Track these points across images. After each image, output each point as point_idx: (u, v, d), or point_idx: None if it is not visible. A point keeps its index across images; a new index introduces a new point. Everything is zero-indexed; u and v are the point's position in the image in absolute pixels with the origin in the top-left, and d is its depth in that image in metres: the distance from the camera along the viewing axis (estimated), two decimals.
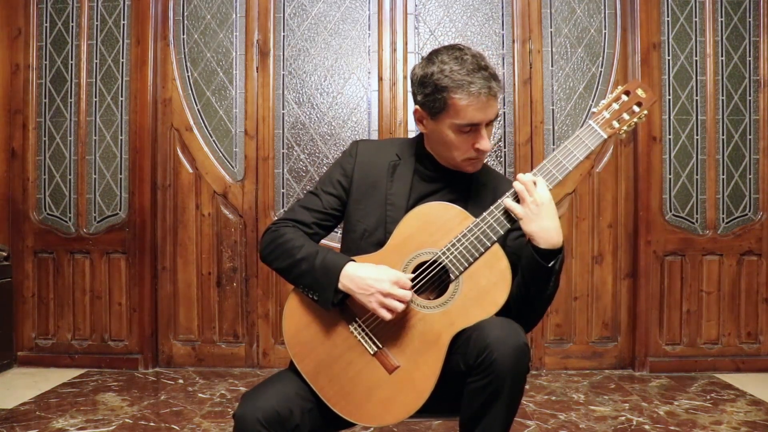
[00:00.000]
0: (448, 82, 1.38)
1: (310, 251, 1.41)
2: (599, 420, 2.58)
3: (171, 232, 3.42)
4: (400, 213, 1.46)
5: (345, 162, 1.55)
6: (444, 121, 1.41)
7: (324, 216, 1.52)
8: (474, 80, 1.37)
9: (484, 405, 1.29)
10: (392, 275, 1.35)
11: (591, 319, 3.37)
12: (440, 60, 1.40)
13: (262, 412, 1.30)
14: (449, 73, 1.38)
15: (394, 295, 1.33)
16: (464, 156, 1.44)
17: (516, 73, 3.35)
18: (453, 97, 1.37)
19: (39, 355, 3.41)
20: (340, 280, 1.37)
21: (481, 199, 1.49)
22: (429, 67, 1.42)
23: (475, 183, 1.52)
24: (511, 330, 1.29)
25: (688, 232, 3.34)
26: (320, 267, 1.38)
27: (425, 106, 1.44)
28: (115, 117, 3.39)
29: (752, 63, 3.33)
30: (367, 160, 1.53)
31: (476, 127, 1.41)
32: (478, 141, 1.42)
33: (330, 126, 3.41)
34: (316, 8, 3.41)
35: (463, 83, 1.37)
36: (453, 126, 1.40)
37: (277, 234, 1.48)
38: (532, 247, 1.35)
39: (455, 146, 1.43)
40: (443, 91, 1.38)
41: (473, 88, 1.36)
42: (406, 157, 1.54)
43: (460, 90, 1.37)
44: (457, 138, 1.42)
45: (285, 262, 1.44)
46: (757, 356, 3.32)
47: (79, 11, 3.40)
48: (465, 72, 1.37)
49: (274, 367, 3.35)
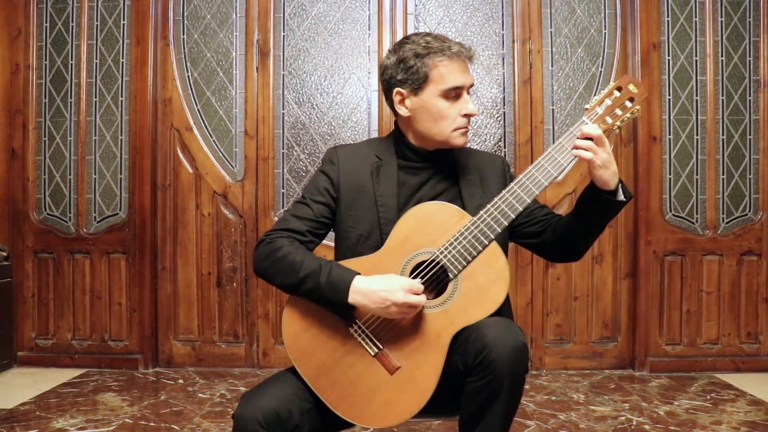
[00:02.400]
0: (427, 50, 1.45)
1: (313, 266, 1.38)
2: (599, 420, 2.58)
3: (171, 232, 3.42)
4: (393, 212, 1.46)
5: (328, 170, 1.54)
6: (428, 90, 1.46)
7: (316, 224, 1.50)
8: (450, 44, 1.46)
9: (483, 405, 1.29)
10: (403, 283, 1.34)
11: (591, 319, 3.37)
12: (411, 40, 1.49)
13: (261, 413, 1.30)
14: (425, 44, 1.47)
15: (410, 304, 1.33)
16: (453, 125, 1.47)
17: (516, 73, 3.35)
18: (435, 61, 1.44)
19: (39, 355, 3.41)
20: (350, 295, 1.35)
21: (469, 180, 1.52)
22: (402, 47, 1.49)
23: (461, 165, 1.54)
24: (510, 330, 1.29)
25: (688, 232, 3.34)
26: (327, 284, 1.36)
27: (407, 82, 1.47)
28: (115, 117, 3.39)
29: (752, 63, 3.33)
30: (350, 165, 1.53)
31: (460, 91, 1.46)
32: (464, 106, 1.47)
33: (330, 126, 3.41)
34: (316, 8, 3.41)
35: (442, 47, 1.45)
36: (439, 92, 1.45)
37: (272, 246, 1.44)
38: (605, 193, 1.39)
39: (443, 116, 1.46)
40: (424, 57, 1.45)
41: (453, 50, 1.45)
42: (387, 156, 1.54)
43: (440, 53, 1.44)
44: (445, 105, 1.46)
45: (288, 279, 1.40)
46: (757, 356, 3.32)
47: (79, 11, 3.40)
48: (440, 41, 1.46)
49: (274, 367, 3.35)
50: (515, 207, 1.37)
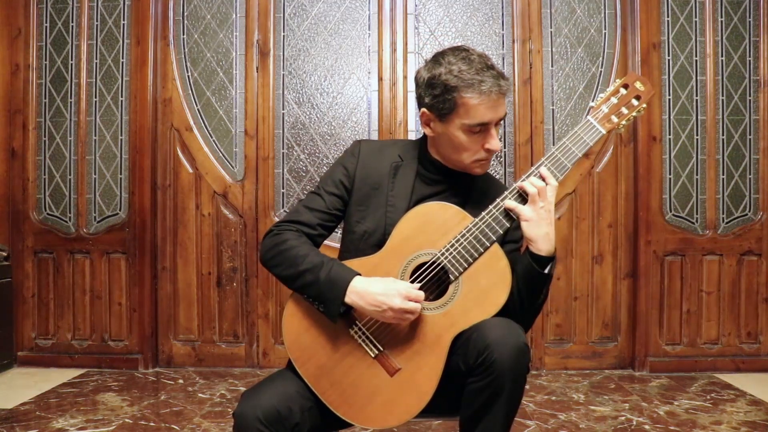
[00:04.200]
0: (458, 82, 1.37)
1: (315, 262, 1.39)
2: (599, 420, 2.58)
3: (171, 232, 3.42)
4: (400, 214, 1.45)
5: (347, 161, 1.53)
6: (453, 122, 1.40)
7: (328, 216, 1.51)
8: (484, 79, 1.36)
9: (484, 405, 1.29)
10: (401, 289, 1.34)
11: (591, 319, 3.37)
12: (447, 61, 1.40)
13: (261, 411, 1.30)
14: (458, 72, 1.37)
15: (407, 310, 1.33)
16: (474, 157, 1.44)
17: (516, 73, 3.35)
18: (464, 96, 1.37)
19: (39, 355, 3.41)
20: (347, 294, 1.35)
21: (480, 205, 1.47)
22: (436, 68, 1.41)
23: (476, 189, 1.51)
24: (511, 330, 1.29)
25: (688, 232, 3.34)
26: (325, 280, 1.36)
27: (433, 108, 1.42)
28: (115, 117, 3.39)
29: (752, 63, 3.33)
30: (370, 160, 1.52)
31: (486, 127, 1.40)
32: (488, 141, 1.41)
33: (330, 126, 3.41)
34: (316, 8, 3.41)
35: (473, 82, 1.36)
36: (463, 126, 1.40)
37: (279, 239, 1.45)
38: (530, 255, 1.35)
39: (465, 147, 1.42)
40: (453, 91, 1.37)
41: (484, 86, 1.36)
42: (409, 158, 1.53)
43: (470, 89, 1.36)
44: (467, 139, 1.41)
45: (288, 270, 1.41)
46: (757, 356, 3.32)
47: (79, 11, 3.40)
48: (474, 71, 1.37)
49: (274, 367, 3.35)
50: None
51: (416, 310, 1.33)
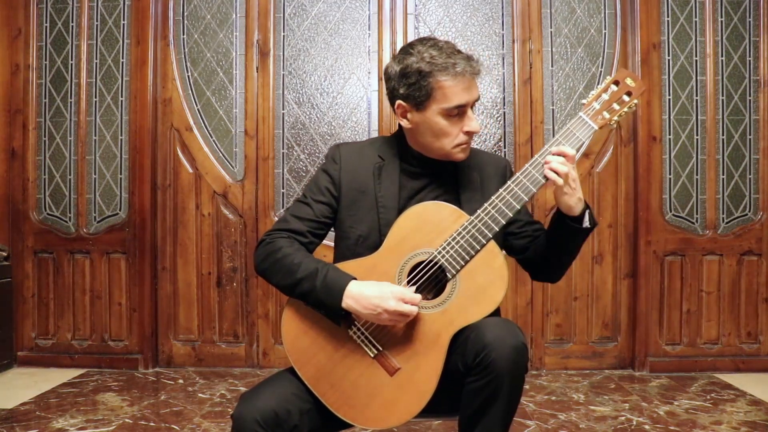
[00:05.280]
0: (431, 67, 1.40)
1: (310, 269, 1.38)
2: (599, 420, 2.58)
3: (171, 232, 3.42)
4: (393, 214, 1.45)
5: (330, 168, 1.53)
6: (431, 108, 1.42)
7: (317, 224, 1.50)
8: (456, 61, 1.40)
9: (483, 405, 1.29)
10: (396, 292, 1.33)
11: (591, 319, 3.37)
12: (417, 50, 1.43)
13: (260, 413, 1.30)
14: (430, 58, 1.40)
15: (401, 312, 1.33)
16: (455, 142, 1.45)
17: (516, 73, 3.35)
18: (439, 80, 1.39)
19: (39, 355, 3.41)
20: (343, 299, 1.35)
21: (469, 182, 1.51)
22: (407, 58, 1.43)
23: (461, 166, 1.53)
24: (510, 330, 1.29)
25: (688, 232, 3.34)
26: (322, 287, 1.36)
27: (409, 97, 1.44)
28: (115, 117, 3.40)
29: (752, 63, 3.33)
30: (352, 164, 1.52)
31: (463, 109, 1.42)
32: (467, 123, 1.44)
33: (330, 126, 3.41)
34: (316, 8, 3.41)
35: (446, 65, 1.39)
36: (441, 111, 1.42)
37: (272, 247, 1.44)
38: (570, 219, 1.40)
39: (445, 133, 1.44)
40: (428, 77, 1.40)
41: (458, 68, 1.39)
42: (389, 156, 1.53)
43: (444, 72, 1.39)
44: (447, 123, 1.42)
45: (285, 280, 1.41)
46: (757, 356, 3.32)
47: (79, 11, 3.40)
48: (445, 55, 1.40)
49: (274, 367, 3.35)
50: (512, 205, 1.36)
51: (411, 313, 1.33)
